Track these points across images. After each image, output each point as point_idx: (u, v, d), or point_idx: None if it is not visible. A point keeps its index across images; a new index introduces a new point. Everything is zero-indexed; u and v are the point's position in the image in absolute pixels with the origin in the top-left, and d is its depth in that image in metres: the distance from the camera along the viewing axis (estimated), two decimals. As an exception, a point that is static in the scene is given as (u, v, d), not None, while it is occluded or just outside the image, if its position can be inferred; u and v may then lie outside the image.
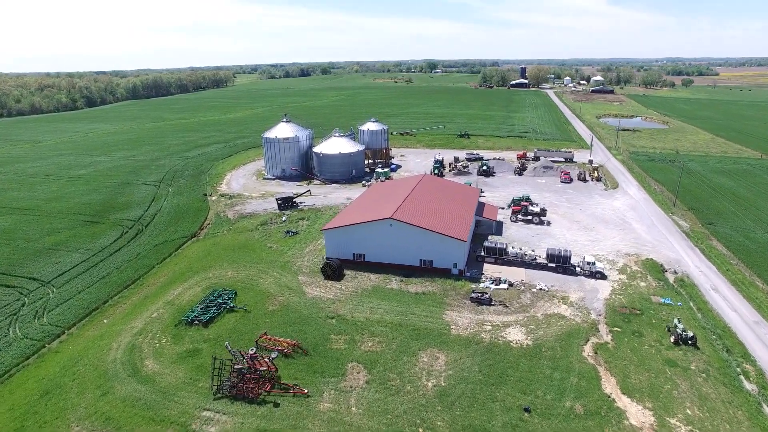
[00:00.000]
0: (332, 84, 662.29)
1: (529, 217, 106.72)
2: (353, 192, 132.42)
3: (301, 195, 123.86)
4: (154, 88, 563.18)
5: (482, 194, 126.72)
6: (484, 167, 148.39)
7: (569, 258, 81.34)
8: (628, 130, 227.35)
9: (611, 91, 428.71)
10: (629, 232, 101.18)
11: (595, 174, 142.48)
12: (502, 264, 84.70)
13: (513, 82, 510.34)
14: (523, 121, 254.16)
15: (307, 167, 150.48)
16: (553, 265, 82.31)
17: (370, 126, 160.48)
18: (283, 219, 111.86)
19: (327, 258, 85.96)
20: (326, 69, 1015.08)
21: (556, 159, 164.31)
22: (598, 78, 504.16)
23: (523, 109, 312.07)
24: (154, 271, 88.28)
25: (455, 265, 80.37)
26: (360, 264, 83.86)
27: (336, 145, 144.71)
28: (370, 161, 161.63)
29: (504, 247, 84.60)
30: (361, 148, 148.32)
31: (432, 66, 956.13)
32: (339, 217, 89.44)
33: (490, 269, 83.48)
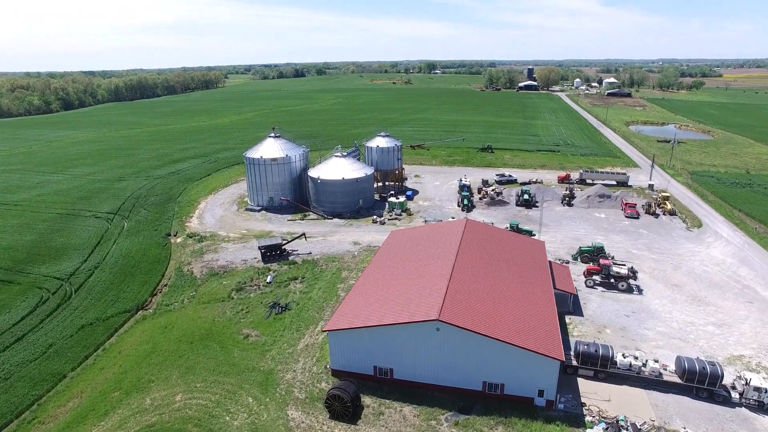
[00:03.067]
0: (328, 85, 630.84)
1: (611, 281, 76.26)
2: (361, 232, 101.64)
3: (293, 240, 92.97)
4: (138, 90, 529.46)
5: (533, 236, 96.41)
6: (525, 195, 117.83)
7: (721, 378, 50.85)
8: (670, 141, 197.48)
9: (629, 95, 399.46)
10: (764, 306, 70.87)
11: (667, 205, 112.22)
12: (605, 380, 54.15)
13: (521, 84, 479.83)
14: (548, 130, 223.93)
15: (300, 195, 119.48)
16: (690, 384, 51.89)
17: (380, 142, 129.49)
18: (268, 279, 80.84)
19: (332, 370, 55.14)
20: (321, 69, 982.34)
21: (607, 182, 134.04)
22: (612, 80, 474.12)
23: (541, 115, 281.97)
24: (61, 389, 56.96)
25: (541, 393, 49.69)
26: (386, 383, 53.04)
27: (338, 168, 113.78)
28: (380, 184, 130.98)
29: (609, 354, 53.98)
30: (369, 171, 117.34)
31: (431, 67, 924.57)
32: (348, 302, 58.30)
33: (589, 389, 52.96)
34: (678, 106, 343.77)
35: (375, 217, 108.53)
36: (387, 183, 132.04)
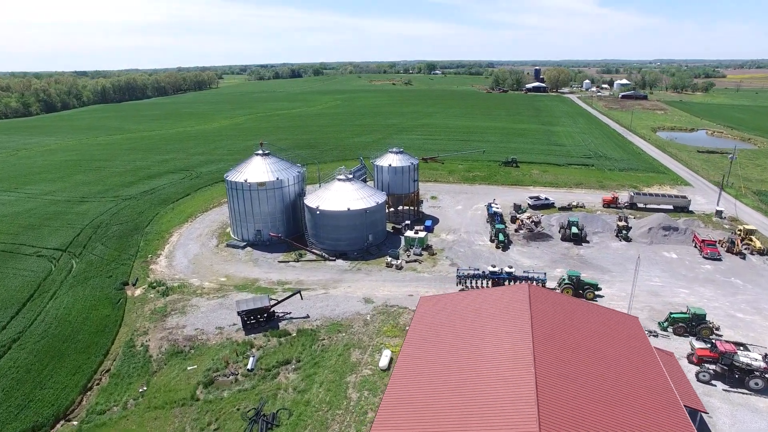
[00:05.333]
0: (326, 86, 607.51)
1: (736, 375, 53.66)
2: (373, 281, 78.73)
3: (284, 300, 70.04)
4: (127, 91, 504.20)
5: (598, 290, 73.92)
6: (573, 228, 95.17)
7: None
8: (714, 152, 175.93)
9: (645, 97, 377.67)
10: None
11: (756, 243, 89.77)
12: None
13: (529, 86, 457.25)
14: (572, 138, 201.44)
15: (295, 228, 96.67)
16: None
17: (392, 160, 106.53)
18: (249, 365, 57.89)
19: None
20: (318, 70, 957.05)
21: (663, 207, 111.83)
22: (624, 82, 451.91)
23: (559, 120, 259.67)
24: None
25: None
26: None
27: (341, 195, 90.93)
28: (391, 210, 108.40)
29: None
30: (381, 198, 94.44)
31: (431, 67, 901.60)
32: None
33: None
34: (699, 109, 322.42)
35: (389, 258, 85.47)
36: (400, 208, 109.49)
